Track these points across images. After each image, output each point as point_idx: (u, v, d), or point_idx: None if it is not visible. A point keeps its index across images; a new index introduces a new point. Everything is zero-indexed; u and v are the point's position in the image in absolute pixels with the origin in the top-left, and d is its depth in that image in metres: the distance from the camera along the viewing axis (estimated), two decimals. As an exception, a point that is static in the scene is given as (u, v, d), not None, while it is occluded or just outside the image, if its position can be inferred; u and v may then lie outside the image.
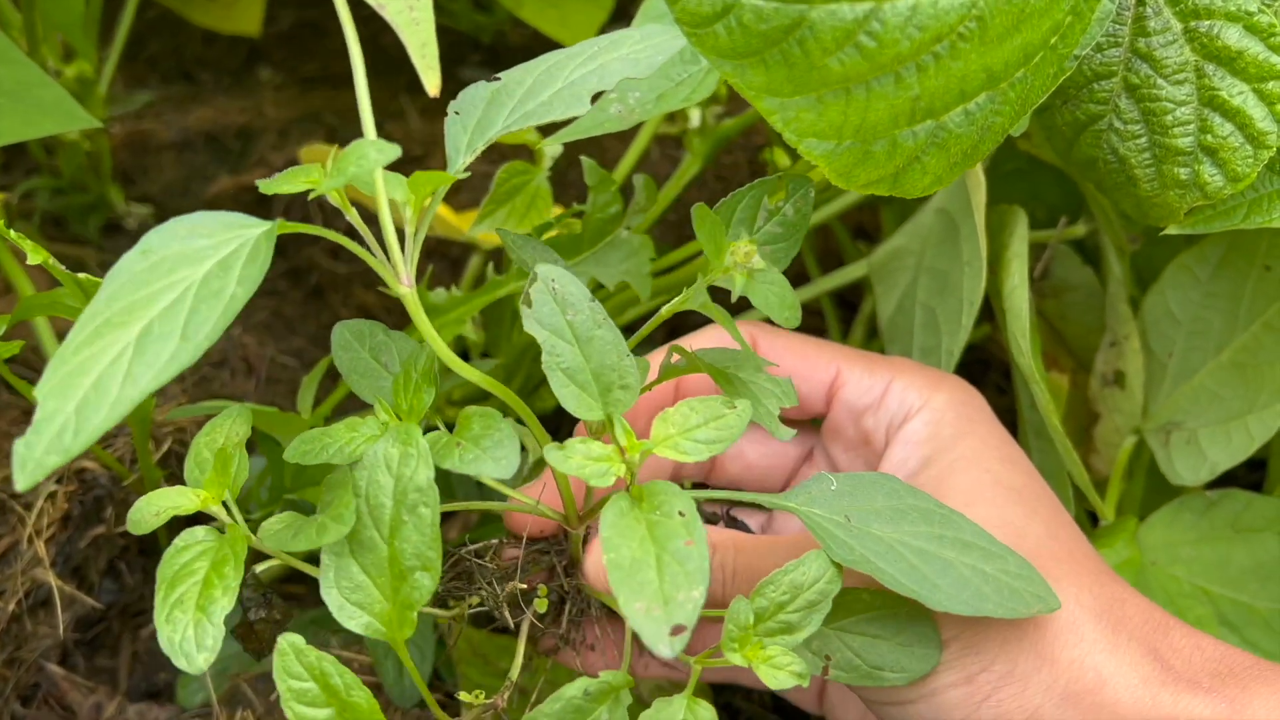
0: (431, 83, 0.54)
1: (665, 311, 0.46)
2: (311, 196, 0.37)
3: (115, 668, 0.66)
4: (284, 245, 0.91)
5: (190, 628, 0.40)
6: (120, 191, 0.90)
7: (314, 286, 0.89)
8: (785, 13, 0.36)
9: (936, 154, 0.41)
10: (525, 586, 0.48)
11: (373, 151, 0.35)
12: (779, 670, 0.40)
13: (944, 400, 0.51)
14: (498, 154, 0.75)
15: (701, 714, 0.41)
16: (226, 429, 0.46)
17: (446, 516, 0.61)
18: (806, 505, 0.42)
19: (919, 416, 0.51)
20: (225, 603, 0.40)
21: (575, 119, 0.53)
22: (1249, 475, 0.65)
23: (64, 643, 0.64)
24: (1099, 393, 0.65)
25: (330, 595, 0.41)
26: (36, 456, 0.31)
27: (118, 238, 0.90)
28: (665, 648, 0.34)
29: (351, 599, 0.41)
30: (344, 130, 0.98)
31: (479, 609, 0.50)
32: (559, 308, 0.39)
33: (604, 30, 0.82)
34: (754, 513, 0.59)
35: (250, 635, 0.51)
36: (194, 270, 0.34)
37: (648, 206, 0.64)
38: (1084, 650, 0.43)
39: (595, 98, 0.42)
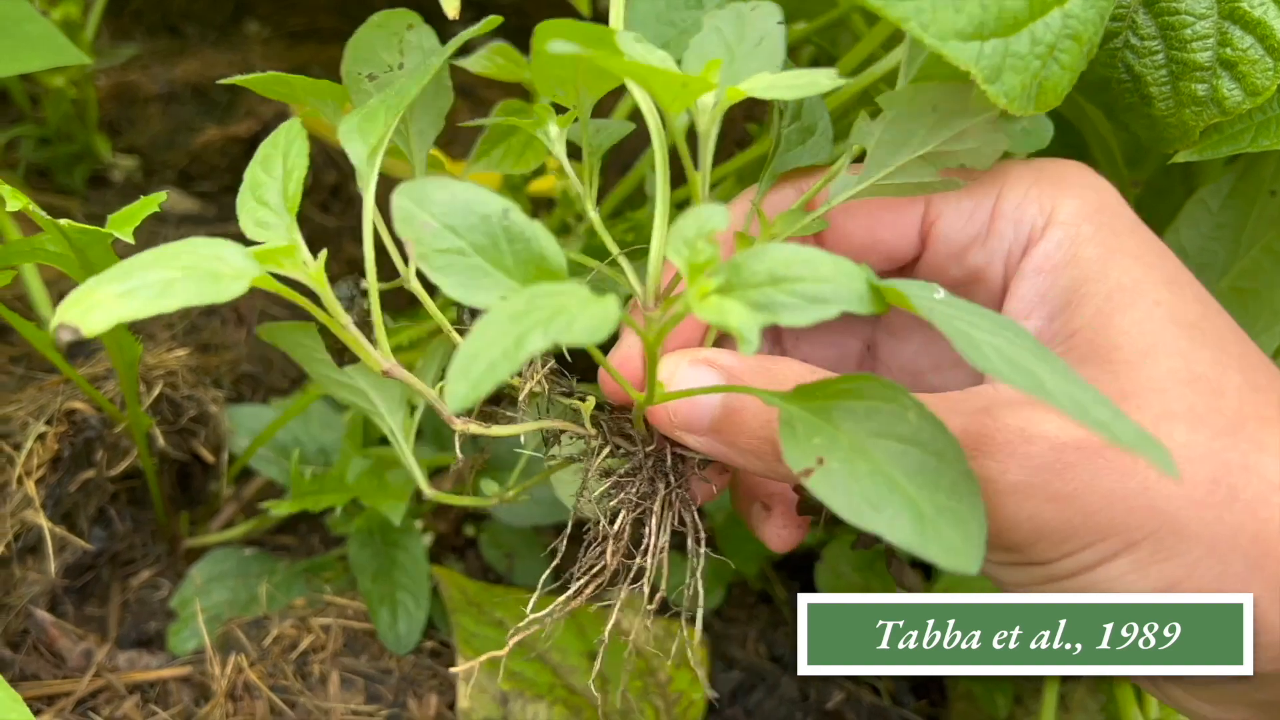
0: (451, 5, 0.52)
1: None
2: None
3: (105, 616, 0.65)
4: (273, 198, 0.90)
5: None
6: (106, 142, 0.89)
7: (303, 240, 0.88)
8: None
9: (1069, 47, 0.38)
10: None
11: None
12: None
13: (1075, 209, 0.40)
14: (487, 105, 0.74)
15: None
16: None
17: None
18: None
19: (1047, 236, 0.40)
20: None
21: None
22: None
23: (54, 589, 0.63)
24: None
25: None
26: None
27: (103, 189, 0.88)
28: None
29: None
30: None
31: None
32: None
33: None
34: None
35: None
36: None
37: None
38: None
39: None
